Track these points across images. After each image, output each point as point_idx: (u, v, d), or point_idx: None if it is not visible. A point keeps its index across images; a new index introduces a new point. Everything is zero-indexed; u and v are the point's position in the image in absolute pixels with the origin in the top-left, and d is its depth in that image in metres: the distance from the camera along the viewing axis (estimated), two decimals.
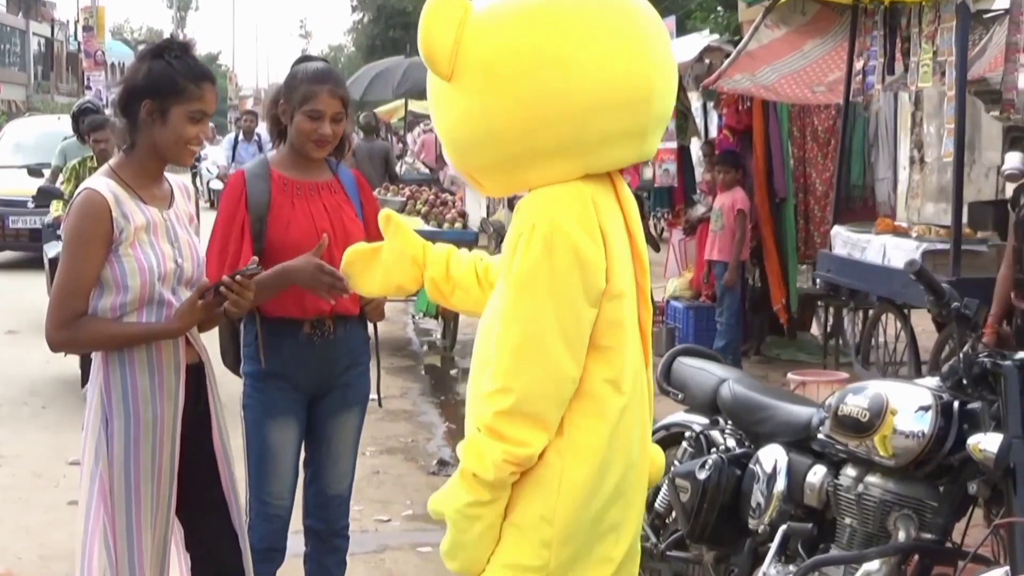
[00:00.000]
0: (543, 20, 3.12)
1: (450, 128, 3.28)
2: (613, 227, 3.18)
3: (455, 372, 11.74)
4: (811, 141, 11.76)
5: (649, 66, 3.16)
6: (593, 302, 3.10)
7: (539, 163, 3.18)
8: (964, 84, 7.78)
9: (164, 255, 3.96)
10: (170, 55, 3.97)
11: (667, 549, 5.02)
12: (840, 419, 4.29)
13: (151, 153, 3.99)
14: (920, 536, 4.10)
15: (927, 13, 8.16)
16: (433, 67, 3.21)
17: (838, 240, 9.33)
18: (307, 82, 4.59)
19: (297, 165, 4.68)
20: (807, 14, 10.26)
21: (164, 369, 3.98)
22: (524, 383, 3.07)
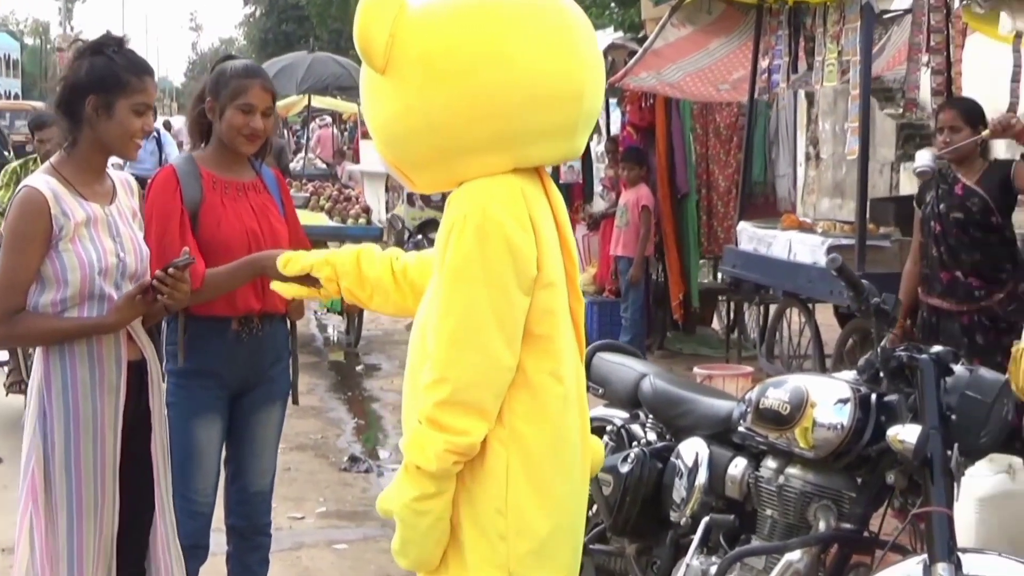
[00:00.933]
0: (482, 17, 3.17)
1: (385, 122, 3.30)
2: (542, 218, 3.23)
3: (360, 368, 11.74)
4: (714, 138, 11.95)
5: (580, 65, 3.24)
6: (526, 290, 3.15)
7: (473, 157, 3.22)
8: (868, 83, 7.95)
9: (105, 250, 3.99)
10: (109, 50, 4.04)
11: (589, 542, 5.07)
12: (761, 412, 4.37)
13: (95, 148, 4.06)
14: (839, 526, 4.19)
15: (832, 13, 8.33)
16: (368, 60, 3.24)
17: (744, 236, 9.47)
18: (238, 77, 4.63)
19: (224, 163, 4.70)
20: (712, 13, 10.40)
21: (105, 363, 4.00)
22: (461, 372, 3.10)
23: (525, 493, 3.20)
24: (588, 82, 3.27)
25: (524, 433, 3.20)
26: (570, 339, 3.32)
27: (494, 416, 3.16)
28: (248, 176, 4.78)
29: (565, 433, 3.27)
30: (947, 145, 6.56)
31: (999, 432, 4.07)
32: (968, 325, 6.60)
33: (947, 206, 6.67)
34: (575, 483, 3.33)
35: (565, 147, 3.35)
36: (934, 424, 3.92)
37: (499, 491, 3.19)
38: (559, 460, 3.25)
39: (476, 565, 3.21)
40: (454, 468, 3.15)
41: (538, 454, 3.21)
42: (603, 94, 3.44)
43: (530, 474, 3.20)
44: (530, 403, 3.19)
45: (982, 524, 5.48)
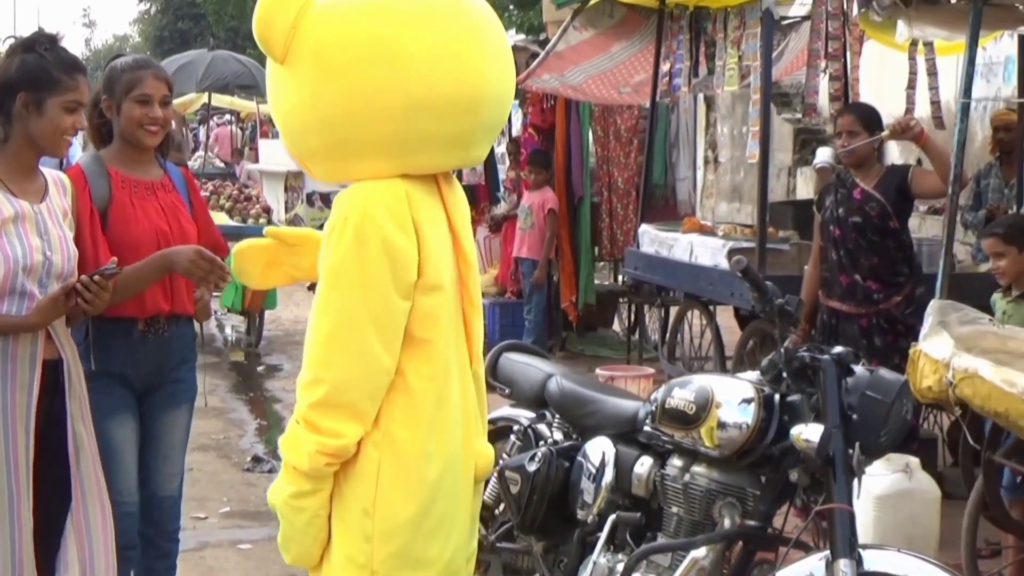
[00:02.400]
0: (379, 13, 3.15)
1: (284, 113, 3.31)
2: (429, 222, 3.22)
3: (261, 368, 11.70)
4: (614, 140, 12.04)
5: (481, 76, 3.22)
6: (404, 294, 3.14)
7: (361, 156, 3.22)
8: (769, 88, 8.08)
9: (31, 247, 3.99)
10: (41, 47, 4.06)
11: (496, 540, 5.12)
12: (667, 412, 4.42)
13: (26, 145, 4.08)
14: (744, 523, 4.26)
15: (732, 19, 8.46)
16: (266, 47, 3.23)
17: (645, 238, 9.57)
18: (129, 70, 4.60)
19: (130, 161, 4.65)
20: (614, 17, 10.49)
21: (18, 361, 4.00)
22: (336, 374, 3.09)
23: (394, 496, 3.20)
24: (488, 92, 3.25)
25: (398, 437, 3.20)
26: (456, 345, 3.32)
27: (370, 419, 3.16)
28: (156, 175, 4.72)
29: (440, 438, 3.26)
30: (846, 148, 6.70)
31: (898, 432, 4.17)
32: (867, 327, 6.74)
33: (846, 210, 6.81)
34: (449, 488, 3.30)
35: (459, 157, 3.35)
36: (836, 423, 4.00)
37: (368, 493, 3.20)
38: (431, 465, 3.24)
39: (342, 565, 3.23)
40: (327, 469, 3.15)
41: (410, 458, 3.21)
42: (510, 102, 3.42)
43: (400, 478, 3.20)
44: (406, 407, 3.20)
45: (879, 522, 5.61)
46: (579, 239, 11.63)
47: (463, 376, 3.36)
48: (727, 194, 16.80)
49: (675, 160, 12.39)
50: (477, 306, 3.43)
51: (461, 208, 3.42)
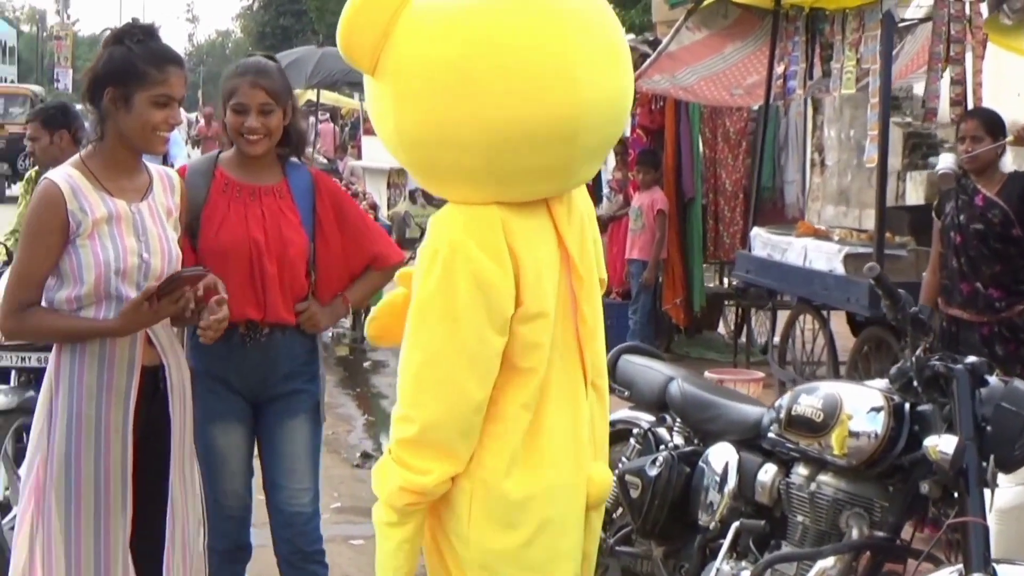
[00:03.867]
0: (468, 39, 2.97)
1: (375, 121, 3.24)
2: (530, 247, 3.08)
3: (368, 364, 11.74)
4: (722, 142, 11.95)
5: (578, 105, 3.01)
6: (499, 329, 3.02)
7: (447, 183, 3.12)
8: (888, 92, 7.94)
9: (126, 249, 3.85)
10: (131, 40, 3.89)
11: (615, 544, 5.10)
12: (793, 419, 4.38)
13: (119, 142, 3.91)
14: (872, 534, 4.20)
15: (851, 21, 8.33)
16: (351, 58, 3.11)
17: (757, 241, 9.48)
18: (231, 78, 4.50)
19: (243, 165, 4.52)
20: (728, 17, 10.40)
21: (115, 367, 3.86)
22: (426, 413, 3.02)
23: (486, 525, 3.14)
24: (588, 120, 3.05)
25: (488, 465, 3.12)
26: (565, 367, 3.18)
27: (464, 458, 3.07)
28: (270, 180, 4.54)
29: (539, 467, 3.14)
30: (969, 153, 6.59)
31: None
32: (988, 336, 6.62)
33: (967, 217, 6.69)
34: (552, 519, 3.19)
35: (557, 185, 3.17)
36: (969, 435, 3.92)
37: (462, 521, 3.16)
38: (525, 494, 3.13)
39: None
40: (412, 507, 3.10)
41: (502, 488, 3.12)
42: (621, 118, 3.22)
43: (492, 507, 3.12)
44: (497, 436, 3.11)
45: (1002, 535, 5.48)
46: (687, 241, 11.56)
47: (574, 399, 3.22)
48: (833, 197, 16.61)
49: (784, 163, 12.27)
50: (592, 324, 3.27)
51: (575, 221, 3.25)
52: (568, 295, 3.19)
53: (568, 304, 3.18)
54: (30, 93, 31.21)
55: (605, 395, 3.39)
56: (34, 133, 6.57)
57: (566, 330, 3.18)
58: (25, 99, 30.48)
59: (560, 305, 3.15)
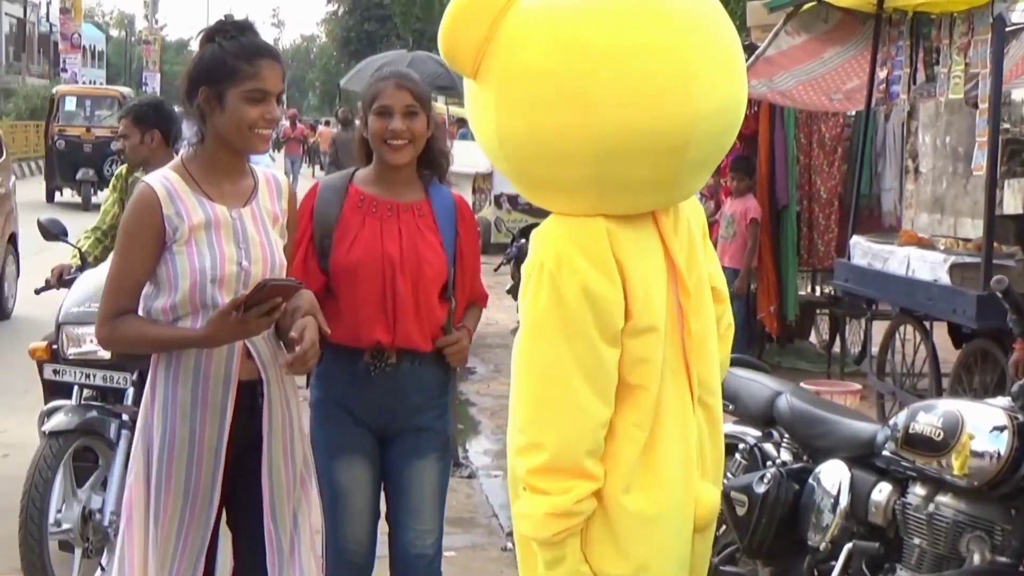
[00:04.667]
0: (577, 44, 2.83)
1: (475, 128, 3.09)
2: (637, 258, 2.95)
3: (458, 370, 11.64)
4: (817, 148, 11.73)
5: (690, 114, 2.84)
6: (611, 341, 2.90)
7: (550, 194, 3.00)
8: (999, 97, 7.73)
9: (224, 256, 3.69)
10: (223, 36, 3.74)
11: (720, 564, 4.95)
12: (910, 437, 4.24)
13: (218, 144, 3.74)
14: (994, 559, 4.04)
15: (959, 24, 8.14)
16: (453, 61, 2.97)
17: (857, 250, 9.30)
18: (374, 83, 4.29)
19: (382, 181, 4.29)
20: (829, 21, 10.20)
21: (210, 382, 3.71)
22: (553, 435, 2.89)
23: (605, 550, 3.00)
24: (700, 129, 2.88)
25: (607, 485, 2.97)
26: (675, 383, 3.04)
27: (598, 474, 2.94)
28: (411, 197, 4.30)
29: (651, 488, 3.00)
30: None
31: None
32: None
33: None
34: (664, 543, 3.06)
35: (664, 197, 3.03)
36: None
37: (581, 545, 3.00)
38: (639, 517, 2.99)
39: None
40: (568, 532, 2.94)
41: (617, 511, 2.98)
42: (734, 128, 3.05)
43: (608, 532, 2.99)
44: (611, 456, 2.96)
45: None
46: (781, 249, 11.35)
47: (683, 417, 3.07)
48: (928, 205, 16.29)
49: (880, 170, 12.04)
50: (701, 340, 3.12)
51: (682, 232, 3.11)
52: (675, 309, 3.06)
53: (675, 319, 3.05)
54: (119, 95, 29.78)
55: (716, 413, 3.21)
56: (125, 130, 6.50)
57: (674, 345, 3.05)
58: (113, 101, 29.20)
59: (668, 320, 3.02)
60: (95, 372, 5.68)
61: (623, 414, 2.96)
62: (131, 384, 5.66)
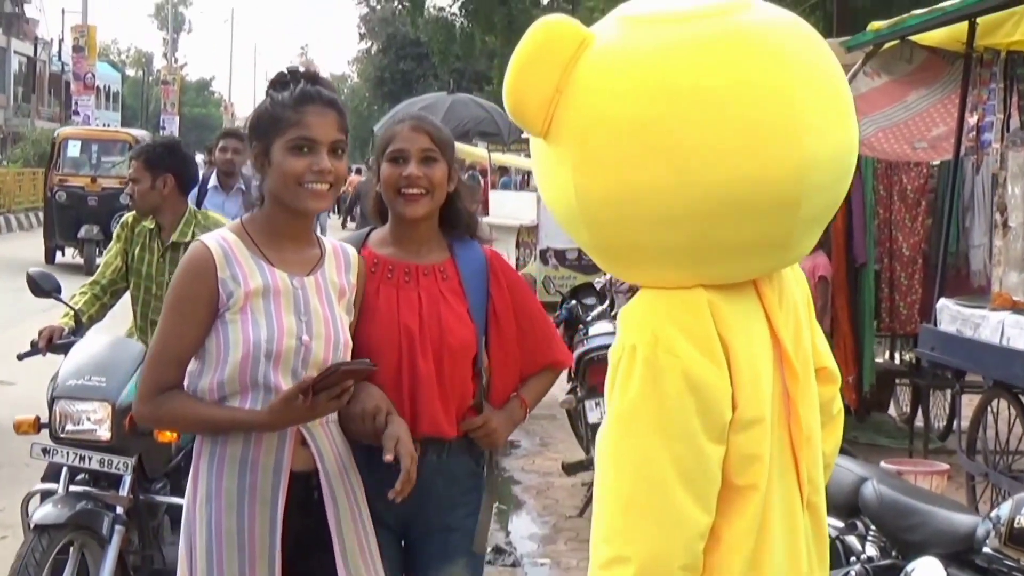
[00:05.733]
0: (666, 89, 2.63)
1: (548, 195, 2.90)
2: (742, 336, 2.75)
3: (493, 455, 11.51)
4: (899, 201, 11.55)
5: (802, 163, 2.63)
6: (717, 437, 2.69)
7: (637, 262, 2.79)
8: None
9: (282, 329, 3.58)
10: (277, 88, 3.68)
11: None
12: (1016, 533, 4.10)
13: (273, 204, 3.68)
14: None
15: None
16: (520, 119, 2.79)
17: (945, 314, 9.14)
18: (389, 127, 4.13)
19: (399, 240, 4.11)
20: (913, 62, 10.09)
21: (259, 470, 3.60)
22: (643, 547, 2.66)
23: None
24: (813, 179, 2.66)
25: None
26: (781, 479, 2.82)
27: None
28: (432, 258, 4.12)
29: None
30: None
31: None
32: None
33: None
34: None
35: (771, 262, 2.81)
36: None
37: None
38: None
39: None
40: None
41: None
42: (847, 178, 2.84)
43: None
44: (715, 568, 2.73)
45: None
46: (858, 311, 11.18)
47: (791, 523, 2.87)
48: (1018, 263, 16.01)
49: (969, 225, 11.86)
50: (809, 430, 2.91)
51: (788, 305, 2.92)
52: (782, 395, 2.84)
53: (782, 406, 2.84)
54: (131, 138, 27.77)
55: (822, 515, 3.00)
56: (135, 174, 6.44)
57: (781, 438, 2.83)
58: (125, 146, 27.23)
59: (774, 408, 2.81)
60: (91, 455, 5.54)
61: (730, 520, 2.74)
62: (131, 470, 5.56)
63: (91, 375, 5.47)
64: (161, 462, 5.97)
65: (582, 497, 9.11)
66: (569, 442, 10.50)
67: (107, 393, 5.53)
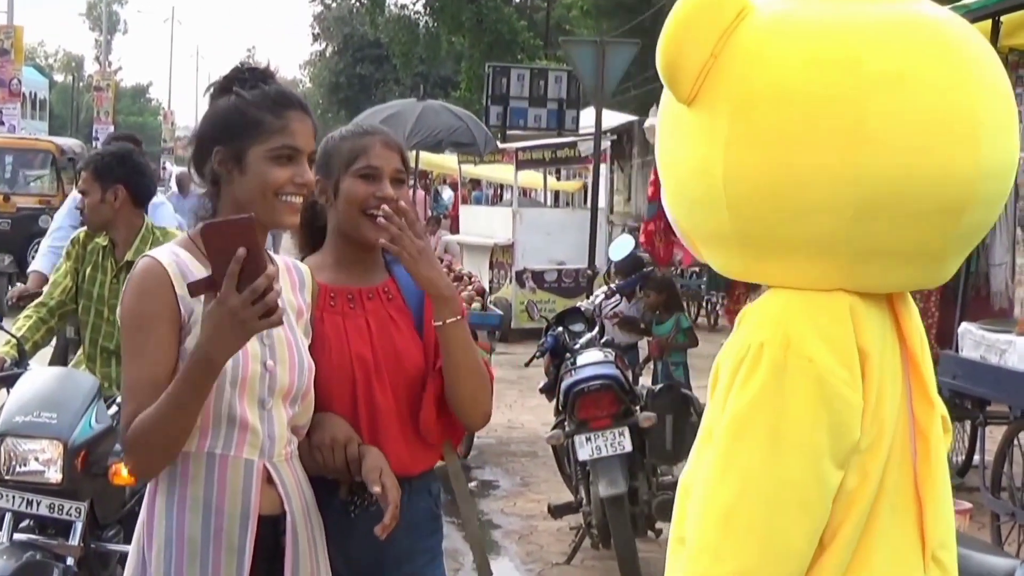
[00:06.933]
0: (846, 63, 2.60)
1: (680, 172, 2.83)
2: (880, 353, 2.69)
3: (473, 485, 11.48)
4: None
5: (975, 169, 2.62)
6: (842, 460, 2.62)
7: (782, 255, 2.71)
8: None
9: (246, 353, 3.46)
10: (242, 85, 3.60)
11: None
12: None
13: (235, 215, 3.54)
14: None
15: None
16: (669, 81, 2.74)
17: (967, 340, 9.18)
18: (352, 138, 4.05)
19: (343, 264, 4.06)
20: None
21: (225, 516, 3.52)
22: (736, 564, 2.59)
23: None
24: (980, 189, 2.66)
25: None
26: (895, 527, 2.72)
27: None
28: (374, 279, 4.09)
29: None
30: None
31: None
32: None
33: None
34: None
35: (922, 274, 2.79)
36: None
37: None
38: None
39: None
40: None
41: None
42: (1002, 202, 2.82)
43: None
44: None
45: None
46: None
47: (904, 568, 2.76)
48: None
49: (989, 241, 11.91)
50: (939, 468, 2.81)
51: (917, 327, 2.86)
52: (908, 424, 2.77)
53: (907, 437, 2.76)
54: (53, 148, 26.19)
55: (951, 571, 2.87)
56: (84, 186, 6.42)
57: (902, 473, 2.75)
58: (47, 157, 25.99)
59: (898, 436, 2.74)
60: (39, 499, 5.43)
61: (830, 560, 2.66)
62: (83, 516, 5.48)
63: (40, 411, 5.38)
64: (114, 507, 5.88)
65: (570, 542, 9.10)
66: (553, 482, 10.48)
67: (58, 431, 5.40)
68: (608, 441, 8.14)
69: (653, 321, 11.71)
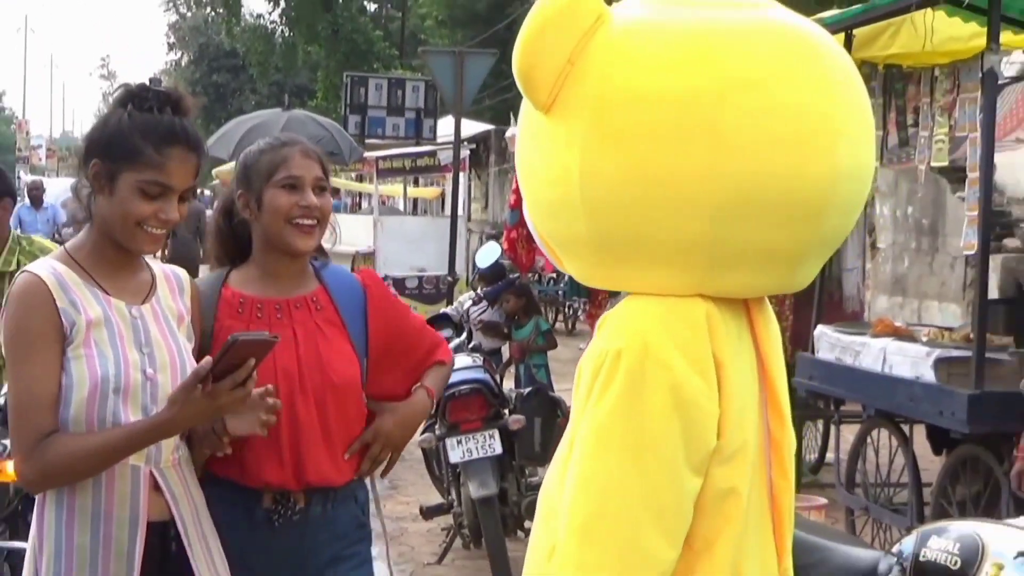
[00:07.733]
0: (704, 63, 2.58)
1: (538, 180, 2.80)
2: (735, 360, 2.69)
3: None
4: None
5: (835, 170, 2.62)
6: (697, 466, 2.60)
7: (639, 260, 2.67)
8: (991, 163, 7.66)
9: (127, 362, 3.50)
10: (138, 105, 3.56)
11: None
12: (922, 566, 4.23)
13: (101, 231, 3.59)
14: None
15: (942, 81, 8.24)
16: (527, 87, 2.71)
17: (823, 342, 9.35)
18: (270, 150, 4.02)
19: (271, 275, 4.02)
20: None
21: (113, 523, 3.50)
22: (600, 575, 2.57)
23: None
24: (840, 193, 2.66)
25: None
26: (757, 534, 2.75)
27: None
28: (302, 289, 4.05)
29: None
30: None
31: None
32: None
33: None
34: None
35: (780, 279, 2.77)
36: None
37: None
38: None
39: None
40: None
41: None
42: (859, 209, 2.82)
43: None
44: None
45: None
46: None
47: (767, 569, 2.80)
48: (887, 287, 16.52)
49: (841, 247, 12.17)
50: (789, 477, 2.83)
51: (772, 335, 2.87)
52: (763, 433, 2.79)
53: (762, 446, 2.78)
54: None
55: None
56: None
57: (758, 482, 2.76)
58: None
59: (756, 449, 2.74)
60: None
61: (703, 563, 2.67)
62: None
63: None
64: None
65: (440, 543, 9.16)
66: (421, 484, 10.50)
67: None
68: (479, 443, 8.23)
69: (513, 326, 11.86)
